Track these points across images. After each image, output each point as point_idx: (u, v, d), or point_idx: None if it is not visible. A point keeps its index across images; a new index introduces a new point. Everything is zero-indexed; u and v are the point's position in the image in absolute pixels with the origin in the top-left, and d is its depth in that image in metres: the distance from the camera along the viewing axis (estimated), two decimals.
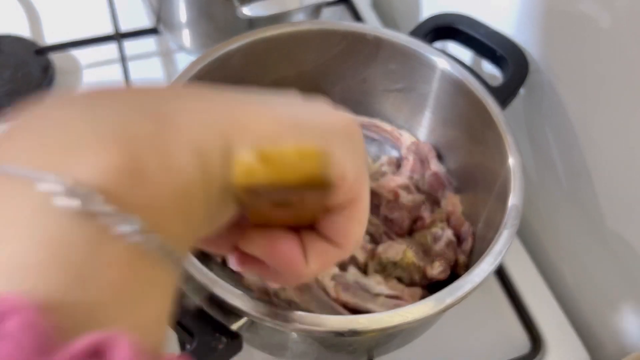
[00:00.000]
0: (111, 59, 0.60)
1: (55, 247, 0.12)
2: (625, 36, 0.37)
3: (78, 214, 0.12)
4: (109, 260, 0.13)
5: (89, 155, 0.13)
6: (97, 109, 0.15)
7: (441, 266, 0.42)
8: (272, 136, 0.16)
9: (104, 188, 0.13)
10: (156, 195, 0.14)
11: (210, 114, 0.16)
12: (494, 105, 0.41)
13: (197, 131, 0.15)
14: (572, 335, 0.46)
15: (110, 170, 0.13)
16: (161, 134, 0.14)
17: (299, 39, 0.46)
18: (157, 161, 0.14)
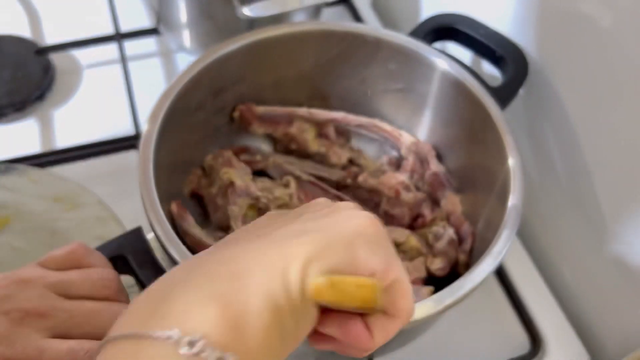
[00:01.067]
0: (111, 59, 0.60)
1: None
2: (625, 36, 0.37)
3: (192, 355, 0.19)
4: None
5: (195, 313, 0.20)
6: (190, 284, 0.21)
7: (441, 263, 0.42)
8: (313, 258, 0.22)
9: (209, 334, 0.19)
10: (244, 336, 0.20)
11: (268, 259, 0.22)
12: (494, 106, 0.41)
13: (263, 278, 0.21)
14: (571, 335, 0.46)
15: (212, 320, 0.19)
16: (238, 288, 0.21)
17: (299, 39, 0.46)
18: (241, 307, 0.20)
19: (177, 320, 0.20)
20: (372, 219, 0.25)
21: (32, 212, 0.45)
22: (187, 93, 0.41)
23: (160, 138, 0.38)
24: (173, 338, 0.19)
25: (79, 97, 0.58)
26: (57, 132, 0.55)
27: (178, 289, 0.21)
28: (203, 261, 0.23)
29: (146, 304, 0.21)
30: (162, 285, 0.22)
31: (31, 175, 0.46)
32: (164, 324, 0.19)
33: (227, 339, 0.19)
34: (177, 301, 0.20)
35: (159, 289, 0.22)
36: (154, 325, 0.19)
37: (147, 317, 0.20)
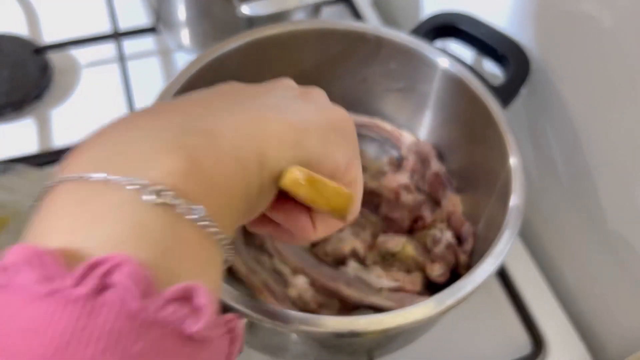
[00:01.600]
0: (110, 58, 0.60)
1: (143, 229, 0.16)
2: (627, 35, 0.37)
3: (157, 205, 0.17)
4: (183, 238, 0.17)
5: (160, 162, 0.18)
6: (158, 125, 0.19)
7: (441, 269, 0.42)
8: (291, 141, 0.21)
9: (174, 186, 0.17)
10: (210, 192, 0.18)
11: (243, 126, 0.20)
12: (495, 105, 0.41)
13: (236, 141, 0.20)
14: (573, 336, 0.46)
15: (177, 172, 0.18)
16: (210, 145, 0.19)
17: (298, 38, 0.45)
18: (209, 165, 0.18)
19: (139, 167, 0.17)
20: (345, 113, 0.25)
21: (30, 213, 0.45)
22: (186, 92, 0.41)
23: None
24: (136, 185, 0.16)
25: (77, 96, 0.58)
26: (55, 132, 0.55)
27: (141, 134, 0.19)
28: (169, 112, 0.21)
29: (101, 145, 0.19)
30: (121, 127, 0.20)
31: (29, 175, 0.46)
32: (125, 170, 0.17)
33: (194, 193, 0.18)
34: (140, 147, 0.18)
35: (117, 130, 0.19)
36: (111, 170, 0.17)
37: (102, 160, 0.18)
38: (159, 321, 0.15)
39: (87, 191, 0.17)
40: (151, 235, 0.16)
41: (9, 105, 0.55)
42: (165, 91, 0.40)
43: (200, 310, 0.16)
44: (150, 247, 0.16)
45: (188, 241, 0.17)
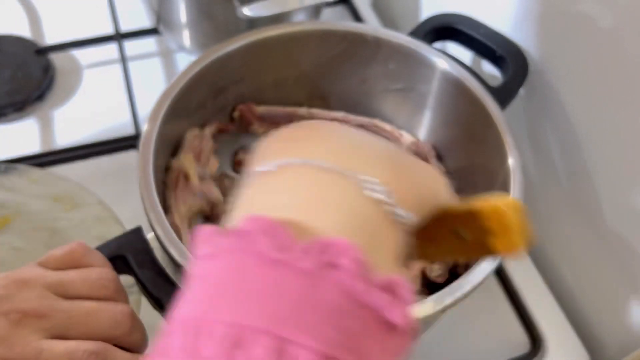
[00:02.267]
0: (111, 59, 0.60)
1: (362, 220, 0.19)
2: (625, 36, 0.37)
3: (375, 201, 0.19)
4: (388, 234, 0.19)
5: (378, 169, 0.20)
6: (366, 149, 0.22)
7: (440, 269, 0.42)
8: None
9: (388, 189, 0.20)
10: (410, 198, 0.21)
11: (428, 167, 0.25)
12: (494, 106, 0.41)
13: (429, 173, 0.25)
14: (571, 335, 0.46)
15: (389, 180, 0.20)
16: (407, 171, 0.22)
17: (299, 39, 0.46)
18: (407, 180, 0.21)
19: (363, 168, 0.20)
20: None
21: (32, 212, 0.45)
22: (187, 93, 0.41)
23: (160, 138, 0.38)
24: (360, 180, 0.19)
25: (79, 97, 0.58)
26: (57, 132, 0.55)
27: (354, 143, 0.21)
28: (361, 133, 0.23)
29: (328, 142, 0.21)
30: (340, 134, 0.22)
31: (31, 175, 0.46)
32: (347, 165, 0.19)
33: (401, 198, 0.20)
34: (357, 153, 0.21)
35: (341, 131, 0.22)
36: (335, 160, 0.20)
37: (332, 153, 0.20)
38: (371, 304, 0.16)
39: (317, 176, 0.19)
40: (367, 227, 0.19)
41: (11, 105, 0.55)
42: (166, 92, 0.40)
43: (404, 301, 0.17)
44: (365, 237, 0.18)
45: (393, 237, 0.20)
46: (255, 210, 0.18)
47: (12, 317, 0.28)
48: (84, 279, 0.30)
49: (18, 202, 0.46)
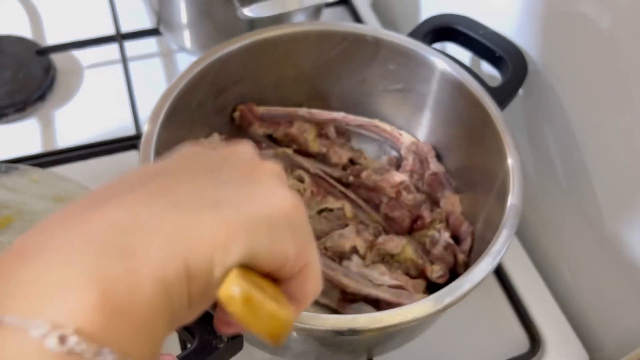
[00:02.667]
0: (112, 59, 0.60)
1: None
2: (624, 37, 0.37)
3: (64, 352, 0.15)
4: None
5: (68, 299, 0.16)
6: (77, 245, 0.17)
7: (441, 270, 0.42)
8: (225, 243, 0.19)
9: (83, 327, 0.16)
10: (124, 325, 0.17)
11: (171, 236, 0.18)
12: (493, 106, 0.42)
13: (161, 260, 0.18)
14: (570, 335, 0.46)
15: (87, 310, 0.16)
16: (129, 271, 0.17)
17: (299, 39, 0.46)
18: (125, 296, 0.17)
19: (44, 303, 0.16)
20: (297, 201, 0.22)
21: (33, 212, 0.45)
22: (187, 93, 0.42)
23: (160, 138, 0.39)
24: (39, 330, 0.15)
25: (80, 97, 0.58)
26: (58, 132, 0.55)
27: (56, 258, 0.17)
28: (88, 216, 0.19)
29: (6, 267, 0.17)
30: (32, 241, 0.18)
31: (32, 175, 0.47)
32: (27, 306, 0.16)
33: (104, 331, 0.16)
34: (48, 273, 0.17)
35: (26, 246, 0.18)
36: (11, 305, 0.16)
37: (6, 290, 0.16)
38: None
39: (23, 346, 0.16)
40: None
41: (12, 105, 0.55)
42: (167, 92, 0.41)
43: None
44: None
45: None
46: None
47: None
48: None
49: (19, 202, 0.46)
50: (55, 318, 0.16)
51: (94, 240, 0.18)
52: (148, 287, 0.17)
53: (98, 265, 0.17)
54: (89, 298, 0.16)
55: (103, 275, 0.17)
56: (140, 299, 0.17)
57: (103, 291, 0.16)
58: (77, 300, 0.16)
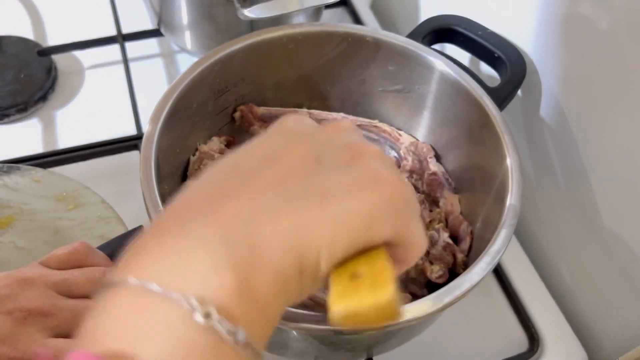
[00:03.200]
0: (113, 60, 0.61)
1: (191, 349, 0.18)
2: (623, 38, 0.38)
3: (204, 326, 0.18)
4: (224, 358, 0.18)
5: (213, 280, 0.19)
6: (209, 235, 0.20)
7: (440, 270, 0.42)
8: (332, 241, 0.21)
9: (224, 307, 0.18)
10: (253, 310, 0.20)
11: (286, 237, 0.21)
12: (492, 106, 0.42)
13: (280, 257, 0.20)
14: (569, 334, 0.46)
15: (227, 293, 0.19)
16: (257, 263, 0.20)
17: (299, 40, 0.46)
18: (255, 285, 0.20)
19: (189, 280, 0.19)
20: (398, 182, 0.23)
21: (35, 212, 0.46)
22: (188, 94, 0.42)
23: (161, 138, 0.39)
24: (190, 305, 0.18)
25: (81, 97, 0.59)
26: (59, 133, 0.55)
27: (194, 245, 0.19)
28: (217, 206, 0.21)
29: (159, 252, 0.20)
30: (172, 221, 0.21)
31: (34, 175, 0.47)
32: (182, 284, 0.18)
33: (239, 312, 0.19)
34: (191, 254, 0.19)
35: (171, 235, 0.20)
36: (169, 282, 0.18)
37: (162, 270, 0.19)
38: None
39: (144, 302, 0.18)
40: (197, 356, 0.18)
41: (14, 106, 0.55)
42: (167, 93, 0.41)
43: None
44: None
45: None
46: (87, 340, 0.19)
47: (16, 316, 0.28)
48: (87, 278, 0.31)
49: (21, 201, 0.46)
50: (200, 295, 0.18)
51: (226, 231, 0.20)
52: (272, 278, 0.20)
53: (232, 254, 0.19)
54: (230, 281, 0.19)
55: (237, 263, 0.19)
56: (266, 289, 0.20)
57: (238, 277, 0.19)
58: (219, 282, 0.19)
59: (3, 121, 0.55)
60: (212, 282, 0.19)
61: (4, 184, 0.46)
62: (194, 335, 0.18)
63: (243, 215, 0.21)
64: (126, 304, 0.18)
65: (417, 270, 0.43)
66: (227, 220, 0.20)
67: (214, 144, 0.47)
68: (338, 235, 0.21)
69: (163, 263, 0.19)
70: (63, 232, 0.45)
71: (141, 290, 0.18)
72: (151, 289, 0.18)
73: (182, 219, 0.21)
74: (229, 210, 0.21)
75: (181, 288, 0.18)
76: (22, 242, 0.45)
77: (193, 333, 0.18)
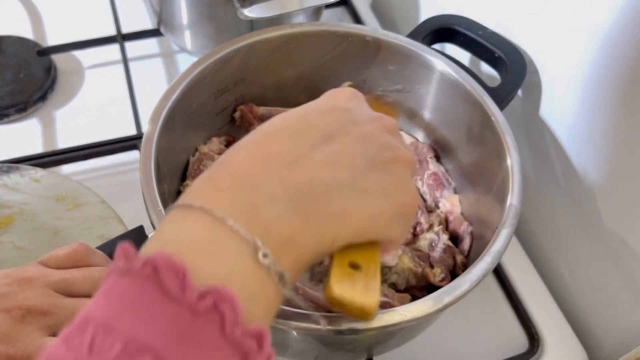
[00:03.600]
0: (113, 60, 0.61)
1: (245, 278, 0.22)
2: (622, 37, 0.38)
3: (261, 263, 0.22)
4: (266, 293, 0.23)
5: (274, 230, 0.23)
6: (276, 197, 0.24)
7: (442, 273, 0.42)
8: (360, 232, 0.27)
9: (276, 250, 0.23)
10: (295, 263, 0.24)
11: (330, 215, 0.25)
12: (493, 106, 0.42)
13: (320, 231, 0.25)
14: (569, 334, 0.46)
15: (282, 243, 0.23)
16: (302, 229, 0.24)
17: (299, 40, 0.46)
18: (299, 244, 0.24)
19: (257, 226, 0.23)
20: (415, 197, 0.29)
21: (34, 212, 0.46)
22: (188, 93, 0.42)
23: (161, 138, 0.39)
24: (253, 243, 0.22)
25: (81, 97, 0.59)
26: (59, 133, 0.55)
27: (264, 191, 0.24)
28: (285, 173, 0.25)
29: (242, 193, 0.24)
30: (250, 172, 0.25)
31: (33, 175, 0.47)
32: (253, 225, 0.22)
33: (287, 261, 0.23)
34: (262, 203, 0.23)
35: (245, 173, 0.24)
36: (244, 220, 0.22)
37: (240, 209, 0.23)
38: (241, 347, 0.20)
39: (219, 231, 0.22)
40: (250, 284, 0.22)
41: (14, 106, 0.55)
42: (167, 92, 0.41)
43: (266, 353, 0.20)
44: (246, 292, 0.21)
45: (268, 296, 0.23)
46: (166, 242, 0.22)
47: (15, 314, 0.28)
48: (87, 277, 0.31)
49: (21, 201, 0.46)
50: (262, 237, 0.22)
51: (288, 195, 0.24)
52: (310, 241, 0.25)
53: (291, 213, 0.24)
54: (284, 235, 0.23)
55: (292, 222, 0.24)
56: (304, 248, 0.24)
57: (291, 234, 0.24)
58: (278, 234, 0.23)
59: (2, 121, 0.55)
60: (273, 230, 0.23)
61: (4, 184, 0.46)
62: (250, 268, 0.22)
63: (303, 189, 0.25)
64: (203, 230, 0.22)
65: (418, 277, 0.43)
66: (290, 188, 0.25)
67: (214, 144, 0.47)
68: (365, 227, 0.26)
69: (238, 205, 0.23)
70: (63, 232, 0.45)
71: (220, 221, 0.22)
72: (228, 222, 0.22)
73: (254, 171, 0.25)
74: (292, 178, 0.25)
75: (250, 228, 0.22)
76: (21, 242, 0.45)
77: (250, 266, 0.22)
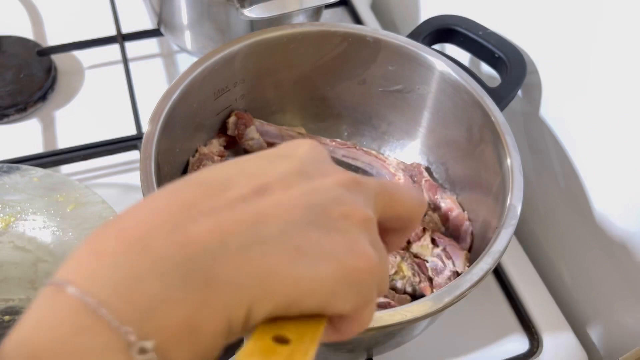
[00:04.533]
0: (113, 60, 0.61)
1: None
2: (623, 38, 0.38)
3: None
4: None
5: (157, 315, 0.18)
6: (166, 266, 0.19)
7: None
8: (287, 303, 0.20)
9: (162, 345, 0.18)
10: (193, 349, 0.19)
11: (244, 279, 0.19)
12: (493, 106, 0.42)
13: (233, 300, 0.19)
14: (569, 334, 0.46)
15: (170, 329, 0.18)
16: (208, 302, 0.19)
17: (299, 40, 0.46)
18: (200, 325, 0.19)
19: (147, 304, 0.18)
20: (374, 262, 0.22)
21: (35, 212, 0.46)
22: (188, 94, 0.42)
23: (161, 138, 0.39)
24: (128, 336, 0.17)
25: (81, 97, 0.59)
26: (59, 133, 0.55)
27: (151, 268, 0.18)
28: (188, 228, 0.20)
29: (113, 266, 0.19)
30: (134, 246, 0.19)
31: (34, 175, 0.47)
32: (126, 311, 0.18)
33: (178, 350, 0.18)
34: (147, 286, 0.18)
35: (131, 250, 0.19)
36: (115, 302, 0.18)
37: (110, 287, 0.18)
38: None
39: (87, 323, 0.17)
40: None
41: (14, 106, 0.55)
42: (167, 92, 0.41)
43: None
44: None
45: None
46: (26, 337, 0.17)
47: None
48: None
49: (21, 201, 0.46)
50: (143, 326, 0.18)
51: (186, 258, 0.19)
52: (216, 321, 0.19)
53: (183, 289, 0.19)
54: (175, 316, 0.18)
55: (185, 299, 0.19)
56: (207, 328, 0.19)
57: (182, 316, 0.18)
58: (165, 316, 0.18)
59: (3, 121, 0.55)
60: (158, 311, 0.18)
61: (4, 184, 0.46)
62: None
63: (211, 250, 0.19)
64: (68, 322, 0.17)
65: (415, 288, 0.43)
66: (192, 250, 0.19)
67: (214, 145, 0.47)
68: (295, 296, 0.20)
69: (116, 278, 0.18)
70: (63, 232, 0.45)
71: (91, 310, 0.17)
72: (99, 312, 0.17)
73: (147, 227, 0.20)
74: (196, 234, 0.19)
75: (127, 312, 0.18)
76: (21, 242, 0.45)
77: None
